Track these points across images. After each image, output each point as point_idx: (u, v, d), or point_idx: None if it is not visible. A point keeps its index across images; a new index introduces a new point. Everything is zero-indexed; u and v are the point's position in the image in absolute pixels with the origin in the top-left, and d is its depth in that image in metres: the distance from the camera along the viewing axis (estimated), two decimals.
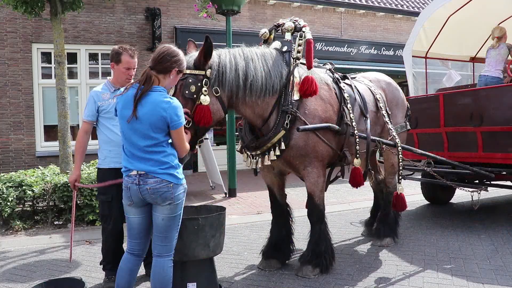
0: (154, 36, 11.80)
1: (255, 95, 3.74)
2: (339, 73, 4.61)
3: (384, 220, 5.20)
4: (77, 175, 3.92)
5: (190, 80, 3.36)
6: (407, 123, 5.31)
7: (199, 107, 3.36)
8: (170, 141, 2.97)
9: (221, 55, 3.63)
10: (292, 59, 3.95)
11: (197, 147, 3.66)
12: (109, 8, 11.59)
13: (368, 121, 4.45)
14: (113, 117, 3.92)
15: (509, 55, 6.76)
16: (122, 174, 3.01)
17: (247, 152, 4.17)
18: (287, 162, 4.02)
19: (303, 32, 4.00)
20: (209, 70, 3.47)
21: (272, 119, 3.86)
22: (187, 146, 3.05)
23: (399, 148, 4.62)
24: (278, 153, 3.86)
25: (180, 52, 3.01)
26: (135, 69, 4.03)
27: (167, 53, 2.93)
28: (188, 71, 3.38)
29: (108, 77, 4.16)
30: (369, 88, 4.82)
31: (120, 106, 2.94)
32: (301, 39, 3.99)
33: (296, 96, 3.88)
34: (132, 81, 4.10)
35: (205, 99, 3.37)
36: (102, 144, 4.02)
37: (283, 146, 3.84)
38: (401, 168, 4.67)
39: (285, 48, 4.01)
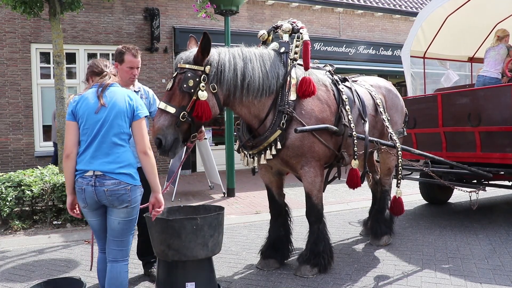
0: (153, 36, 11.80)
1: (252, 95, 3.77)
2: (339, 75, 4.62)
3: (380, 218, 5.21)
4: None
5: (189, 75, 3.44)
6: (404, 129, 5.34)
7: (198, 102, 3.44)
8: (130, 139, 3.00)
9: (220, 53, 3.68)
10: (289, 60, 3.98)
11: (196, 147, 3.70)
12: (107, 8, 11.59)
13: (367, 123, 4.47)
14: None
15: (508, 56, 6.77)
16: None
17: (244, 152, 4.20)
18: (284, 161, 4.04)
19: (301, 33, 4.04)
20: (208, 66, 3.53)
21: (269, 119, 3.89)
22: (147, 142, 2.99)
23: (399, 150, 4.63)
24: (274, 152, 3.89)
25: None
26: (138, 69, 4.03)
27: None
28: (187, 66, 3.48)
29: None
30: (370, 92, 4.83)
31: (84, 105, 2.91)
32: (299, 40, 4.02)
33: (292, 97, 3.90)
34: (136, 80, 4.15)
35: (202, 95, 3.45)
36: None
37: (279, 146, 3.86)
38: (400, 172, 4.69)
39: (282, 49, 4.04)
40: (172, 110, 3.40)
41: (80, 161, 2.91)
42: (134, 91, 4.10)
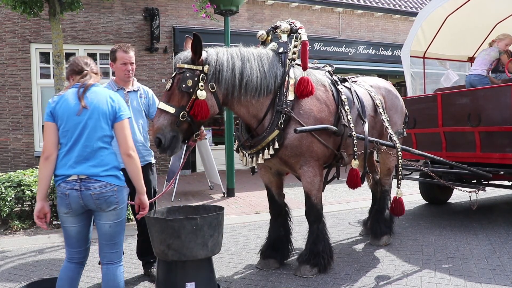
0: (153, 36, 11.81)
1: (250, 95, 3.78)
2: (339, 76, 4.63)
3: (379, 218, 5.22)
4: None
5: (188, 75, 3.47)
6: (404, 129, 5.34)
7: (196, 101, 3.46)
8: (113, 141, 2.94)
9: (219, 53, 3.69)
10: (287, 60, 3.98)
11: (196, 147, 3.72)
12: (107, 8, 11.59)
13: (366, 123, 4.47)
14: None
15: (499, 58, 6.71)
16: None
17: (243, 151, 4.20)
18: (283, 161, 4.05)
19: (299, 33, 4.04)
20: (207, 66, 3.56)
21: (267, 119, 3.89)
22: (132, 143, 2.93)
23: (399, 150, 4.63)
24: (272, 152, 3.89)
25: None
26: (132, 64, 4.03)
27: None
28: (186, 66, 3.51)
29: (112, 77, 4.19)
30: (369, 93, 4.83)
31: (63, 106, 2.80)
32: (297, 41, 4.03)
33: (291, 96, 3.91)
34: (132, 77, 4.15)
35: (201, 94, 3.47)
36: None
37: (277, 145, 3.86)
38: (400, 173, 4.69)
39: (281, 49, 4.05)
40: (171, 110, 3.41)
41: (62, 165, 2.80)
42: (133, 90, 4.11)
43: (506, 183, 6.33)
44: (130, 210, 5.30)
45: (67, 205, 2.80)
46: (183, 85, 3.44)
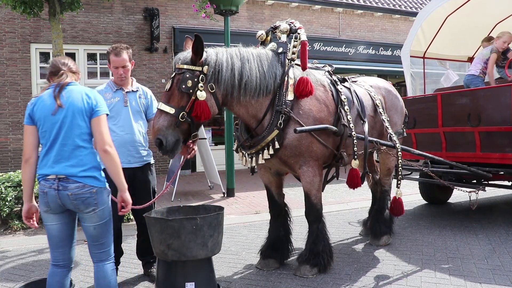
0: (153, 36, 11.81)
1: (249, 95, 3.78)
2: (338, 76, 4.62)
3: (379, 218, 5.22)
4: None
5: (187, 75, 3.47)
6: (404, 129, 5.34)
7: (196, 102, 3.47)
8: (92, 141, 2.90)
9: (218, 53, 3.70)
10: (287, 60, 3.98)
11: (195, 147, 3.74)
12: (107, 8, 11.59)
13: (366, 123, 4.47)
14: (114, 116, 3.95)
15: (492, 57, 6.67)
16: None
17: (242, 151, 4.21)
18: (282, 161, 4.05)
19: (298, 33, 4.04)
20: (206, 66, 3.56)
21: (266, 119, 3.90)
22: (109, 139, 2.83)
23: (399, 150, 4.64)
24: (271, 152, 3.89)
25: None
26: (125, 68, 3.97)
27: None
28: (185, 66, 3.51)
29: (111, 77, 4.18)
30: (369, 93, 4.83)
31: (40, 107, 2.79)
32: (296, 41, 4.03)
33: (290, 96, 3.91)
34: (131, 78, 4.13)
35: (201, 94, 3.47)
36: None
37: (277, 145, 3.87)
38: (400, 173, 4.69)
39: (280, 50, 4.05)
40: (171, 110, 3.41)
41: (43, 165, 2.80)
42: (132, 90, 4.10)
43: (506, 183, 6.33)
44: (131, 210, 5.29)
45: (46, 203, 2.81)
46: (183, 86, 3.44)
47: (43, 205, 2.84)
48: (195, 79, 3.48)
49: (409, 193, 8.05)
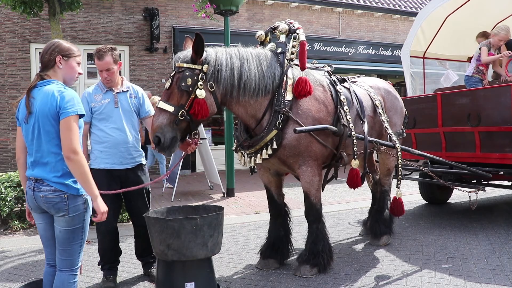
0: (153, 36, 11.80)
1: (248, 94, 3.80)
2: (338, 76, 4.63)
3: (379, 218, 5.22)
4: None
5: (187, 74, 3.49)
6: (404, 130, 5.35)
7: (196, 100, 3.49)
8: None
9: (218, 53, 3.71)
10: (286, 60, 3.99)
11: (196, 147, 3.75)
12: (107, 8, 11.59)
13: (365, 123, 4.47)
14: (105, 118, 3.95)
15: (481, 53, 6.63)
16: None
17: (242, 151, 4.21)
18: (282, 161, 4.05)
19: (297, 34, 4.04)
20: (206, 65, 3.58)
21: (265, 119, 3.90)
22: (75, 144, 2.61)
23: (399, 150, 4.63)
24: (270, 152, 3.90)
25: (55, 41, 2.88)
26: (109, 70, 3.91)
27: (44, 49, 2.82)
28: (185, 65, 3.53)
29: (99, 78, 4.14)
30: (369, 94, 4.83)
31: (21, 112, 2.77)
32: (295, 41, 4.03)
33: (289, 97, 3.91)
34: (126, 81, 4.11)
35: (200, 93, 3.49)
36: (94, 144, 4.04)
37: (275, 145, 3.87)
38: (400, 173, 4.69)
39: (279, 50, 4.05)
40: (170, 108, 3.43)
41: (27, 167, 2.83)
42: (123, 91, 4.07)
43: (506, 183, 6.33)
44: (127, 212, 5.29)
45: (28, 202, 2.84)
46: (183, 84, 3.46)
47: (28, 203, 2.88)
48: (195, 78, 3.50)
49: (409, 193, 8.05)
